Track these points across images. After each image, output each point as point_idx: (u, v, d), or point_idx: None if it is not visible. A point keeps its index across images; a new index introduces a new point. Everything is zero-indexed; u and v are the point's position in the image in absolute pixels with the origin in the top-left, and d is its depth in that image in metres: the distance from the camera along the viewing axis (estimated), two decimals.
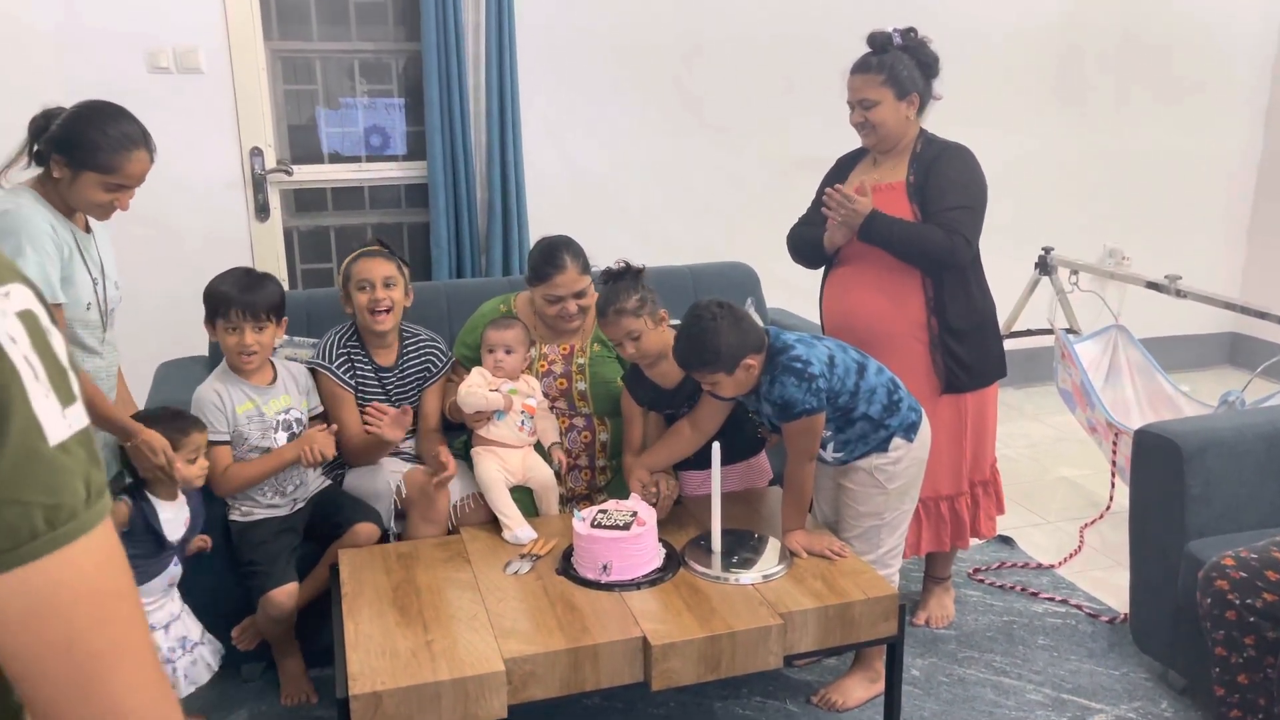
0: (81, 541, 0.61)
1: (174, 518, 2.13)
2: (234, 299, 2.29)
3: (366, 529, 2.36)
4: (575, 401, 2.59)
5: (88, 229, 2.21)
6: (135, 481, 2.13)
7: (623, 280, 2.34)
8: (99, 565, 0.63)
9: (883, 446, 2.24)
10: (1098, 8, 4.55)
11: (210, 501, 2.33)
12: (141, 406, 2.64)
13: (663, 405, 2.46)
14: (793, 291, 3.32)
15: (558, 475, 2.51)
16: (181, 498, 2.16)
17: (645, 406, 2.46)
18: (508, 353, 2.50)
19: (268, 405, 2.35)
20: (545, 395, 2.57)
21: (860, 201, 2.41)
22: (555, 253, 2.51)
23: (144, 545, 2.07)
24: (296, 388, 2.44)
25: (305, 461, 2.31)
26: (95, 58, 3.52)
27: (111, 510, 1.26)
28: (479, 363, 2.54)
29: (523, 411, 2.47)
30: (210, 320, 2.33)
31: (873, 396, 2.21)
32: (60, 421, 0.60)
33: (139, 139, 2.10)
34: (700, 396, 2.31)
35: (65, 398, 0.61)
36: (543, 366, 2.59)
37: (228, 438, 2.29)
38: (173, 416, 2.17)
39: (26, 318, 0.60)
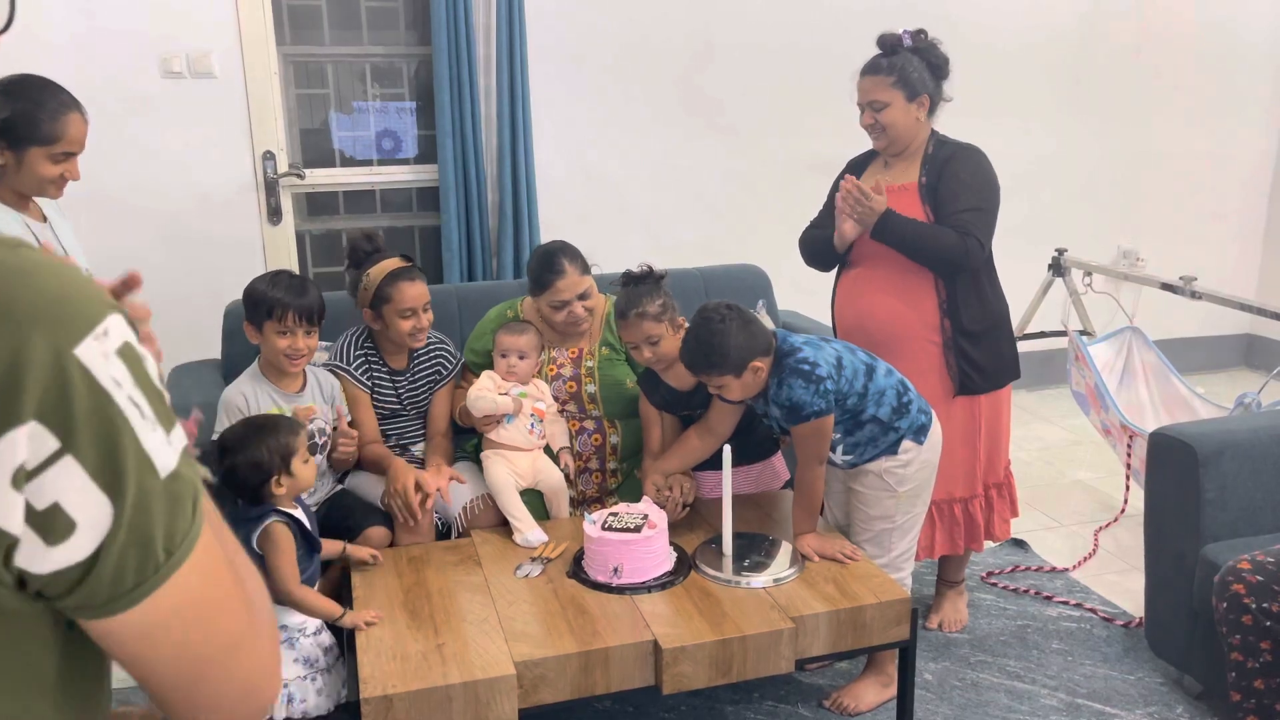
0: (191, 556, 0.63)
1: (305, 514, 2.09)
2: (290, 303, 2.29)
3: (378, 532, 2.36)
4: (585, 404, 2.59)
5: (43, 218, 2.19)
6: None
7: (644, 284, 2.33)
8: (204, 573, 0.64)
9: (892, 449, 2.23)
10: (1112, 9, 4.53)
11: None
12: None
13: (679, 407, 2.46)
14: (804, 294, 3.31)
15: (568, 478, 2.51)
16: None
17: (661, 409, 2.46)
18: (521, 358, 2.50)
19: (294, 413, 2.35)
20: (555, 398, 2.57)
21: (876, 199, 2.40)
22: (553, 258, 2.51)
23: (301, 557, 2.01)
24: (323, 396, 2.44)
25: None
26: (108, 62, 3.54)
27: (279, 537, 1.51)
28: (487, 368, 2.54)
29: (532, 415, 2.47)
30: (256, 322, 2.32)
31: (882, 398, 2.20)
32: (167, 450, 0.61)
33: (71, 102, 2.09)
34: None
35: (167, 423, 0.62)
36: (551, 370, 2.59)
37: None
38: (271, 429, 2.05)
39: (126, 353, 0.60)
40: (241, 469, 1.98)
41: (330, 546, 2.15)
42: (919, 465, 2.25)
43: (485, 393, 2.43)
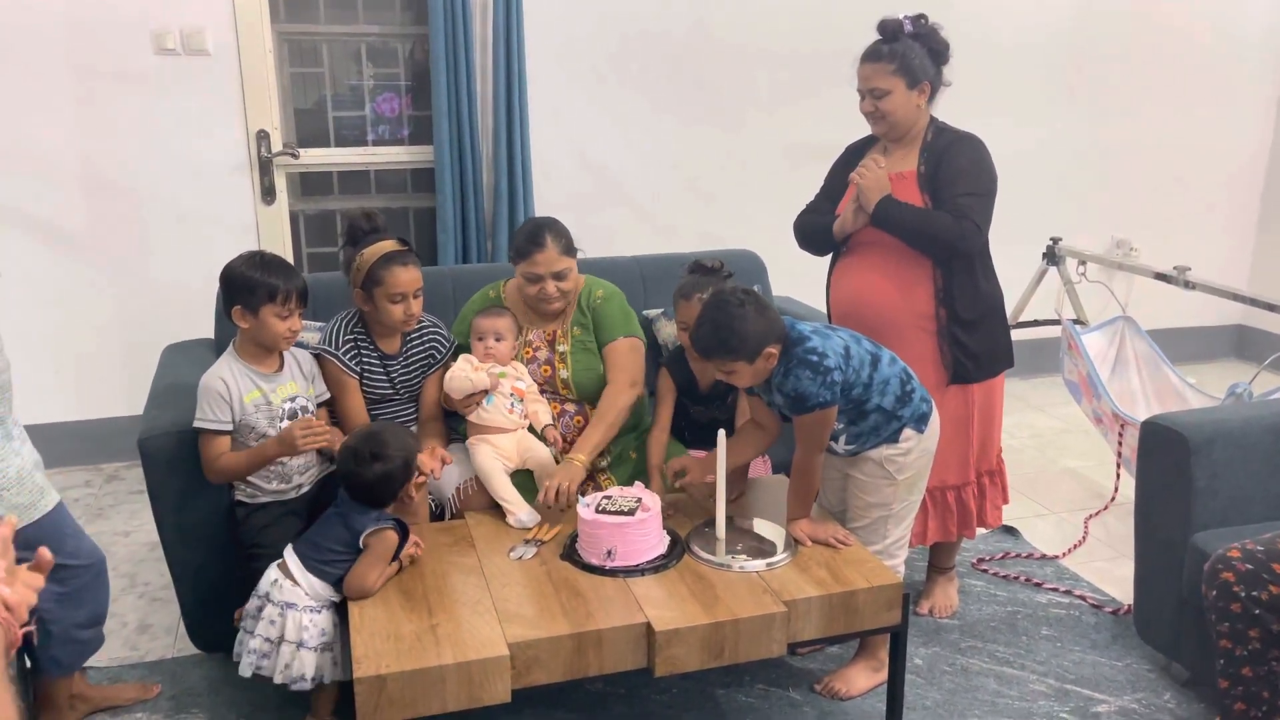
0: None
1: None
2: (292, 286, 2.27)
3: None
4: (559, 389, 2.59)
5: None
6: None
7: (711, 276, 2.47)
8: None
9: (893, 437, 2.23)
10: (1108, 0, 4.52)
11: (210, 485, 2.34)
12: (147, 389, 2.65)
13: (692, 394, 2.52)
14: (799, 279, 3.31)
15: (555, 459, 2.51)
16: None
17: (676, 386, 2.55)
18: (497, 339, 2.50)
19: (275, 393, 2.34)
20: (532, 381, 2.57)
21: (881, 175, 2.43)
22: (538, 232, 2.52)
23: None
24: (303, 375, 2.43)
25: (298, 448, 2.26)
26: (102, 39, 3.51)
27: (390, 544, 1.81)
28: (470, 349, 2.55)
29: (512, 394, 2.47)
30: (251, 305, 2.26)
31: (886, 388, 2.20)
32: None
33: None
34: (730, 397, 2.32)
35: None
36: (527, 353, 2.59)
37: (228, 427, 2.27)
38: (405, 443, 2.14)
39: None
40: (375, 478, 2.08)
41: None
42: (918, 453, 2.26)
43: (459, 374, 2.44)
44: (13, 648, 0.93)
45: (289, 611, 2.04)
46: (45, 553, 0.99)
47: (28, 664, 2.20)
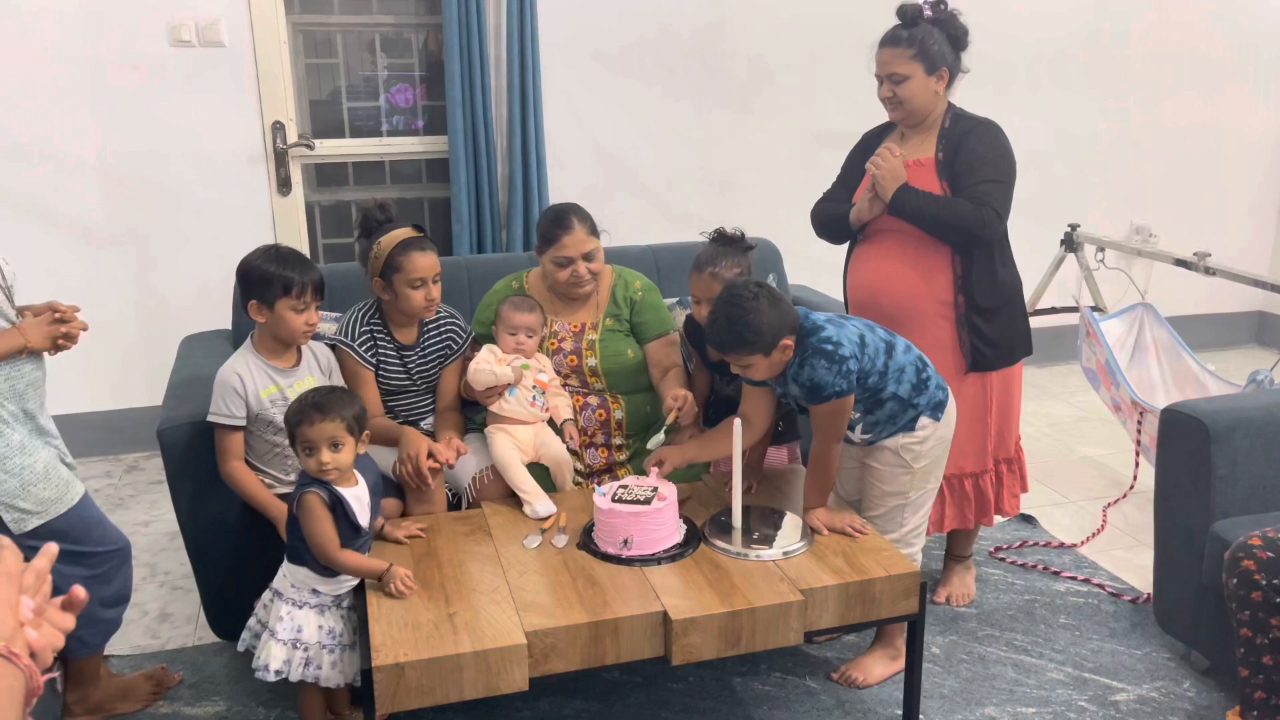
0: None
1: (358, 498, 2.04)
2: (308, 279, 2.26)
3: (390, 504, 2.36)
4: (587, 378, 2.58)
5: None
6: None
7: (731, 247, 2.39)
8: None
9: (910, 426, 2.22)
10: None
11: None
12: (165, 380, 2.66)
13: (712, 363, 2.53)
14: (815, 268, 3.30)
15: (573, 453, 2.51)
16: (361, 481, 2.06)
17: (695, 348, 2.55)
18: (529, 335, 2.50)
19: (291, 388, 2.33)
20: (557, 372, 2.57)
21: (897, 163, 2.41)
22: (563, 215, 2.53)
23: (342, 533, 2.01)
24: (320, 369, 2.43)
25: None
26: (118, 31, 3.53)
27: (310, 506, 1.67)
28: (493, 339, 2.55)
29: (534, 386, 2.47)
30: (267, 299, 2.25)
31: (901, 376, 2.19)
32: None
33: None
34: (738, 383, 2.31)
35: None
36: (552, 344, 2.59)
37: (241, 423, 2.27)
38: (309, 406, 2.01)
39: None
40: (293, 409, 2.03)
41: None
42: (935, 442, 2.25)
43: (484, 365, 2.43)
44: (34, 695, 0.86)
45: (276, 600, 2.06)
46: (79, 590, 0.95)
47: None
